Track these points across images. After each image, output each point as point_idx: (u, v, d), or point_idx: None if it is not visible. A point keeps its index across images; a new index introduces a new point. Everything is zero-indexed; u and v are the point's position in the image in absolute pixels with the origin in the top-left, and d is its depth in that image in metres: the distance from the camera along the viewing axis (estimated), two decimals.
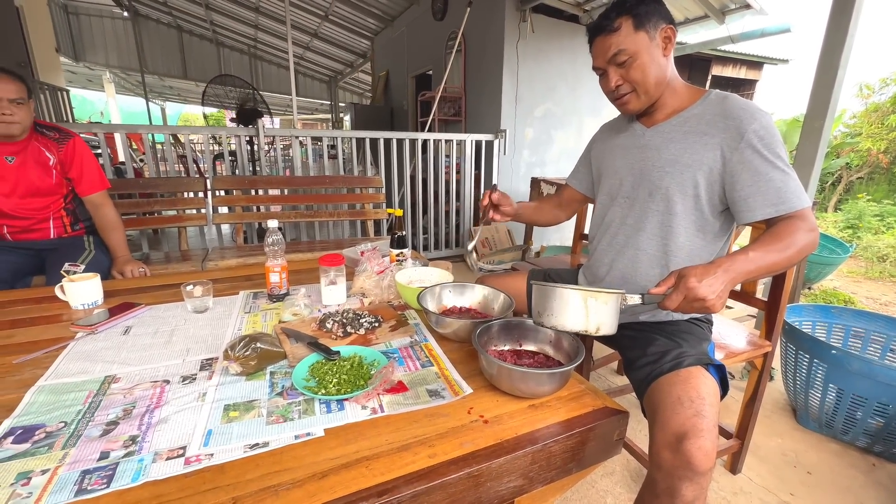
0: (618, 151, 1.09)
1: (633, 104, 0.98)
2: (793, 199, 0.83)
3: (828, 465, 1.35)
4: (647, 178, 1.01)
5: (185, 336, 1.01)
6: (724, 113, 0.90)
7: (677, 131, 0.97)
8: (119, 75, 10.10)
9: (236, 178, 2.27)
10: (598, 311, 0.75)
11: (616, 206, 1.08)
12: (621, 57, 0.92)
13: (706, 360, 0.85)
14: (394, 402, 0.79)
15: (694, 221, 0.96)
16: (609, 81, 0.97)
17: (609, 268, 1.08)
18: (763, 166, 0.85)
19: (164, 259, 1.95)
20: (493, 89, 3.67)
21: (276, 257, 1.21)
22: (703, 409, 0.73)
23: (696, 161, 0.93)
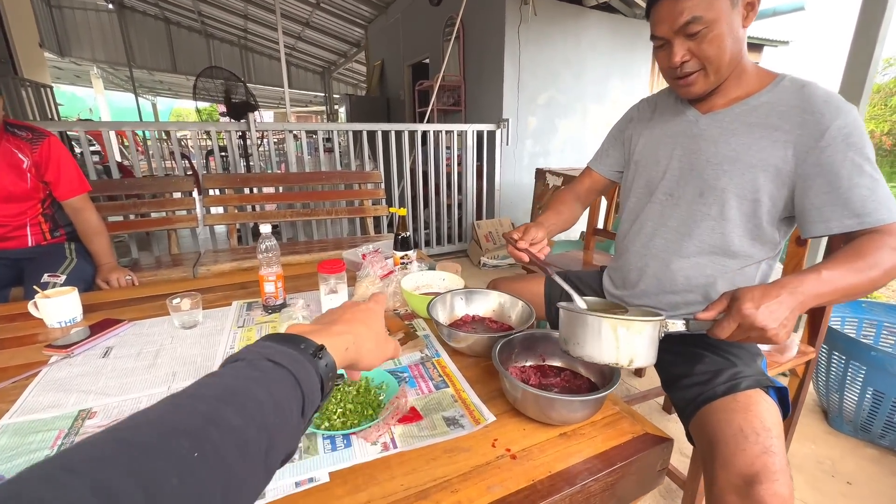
0: (662, 137, 0.93)
1: (698, 86, 0.81)
2: (881, 211, 0.69)
3: (867, 473, 1.27)
4: (698, 175, 0.86)
5: (172, 357, 0.92)
6: (802, 105, 0.75)
7: (740, 122, 0.82)
8: (107, 70, 9.86)
9: (228, 177, 2.15)
10: (632, 342, 0.64)
11: (654, 203, 0.94)
12: (695, 26, 0.74)
13: (765, 382, 0.74)
14: (407, 435, 0.70)
15: (750, 230, 0.83)
16: (672, 55, 0.79)
17: (641, 273, 0.95)
18: (847, 169, 0.71)
19: (155, 264, 1.85)
20: (493, 77, 3.53)
21: (271, 265, 1.11)
22: (772, 443, 0.63)
23: (761, 160, 0.78)
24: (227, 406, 0.30)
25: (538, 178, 3.15)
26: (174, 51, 9.48)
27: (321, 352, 0.41)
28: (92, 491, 0.21)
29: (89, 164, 2.25)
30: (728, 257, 0.85)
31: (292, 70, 11.72)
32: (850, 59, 1.48)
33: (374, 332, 0.52)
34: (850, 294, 0.66)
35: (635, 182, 0.99)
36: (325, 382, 0.40)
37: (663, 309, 0.94)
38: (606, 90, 3.93)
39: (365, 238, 2.29)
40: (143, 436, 0.26)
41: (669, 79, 0.85)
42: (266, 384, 0.34)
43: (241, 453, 0.29)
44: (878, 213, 0.69)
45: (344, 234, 3.07)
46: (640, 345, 0.64)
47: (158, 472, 0.24)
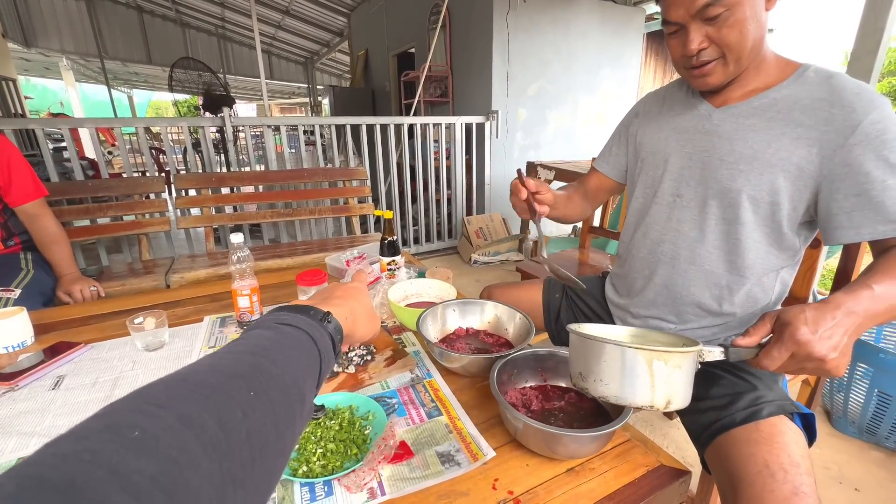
0: (671, 133, 0.85)
1: (715, 76, 0.73)
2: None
3: (875, 478, 1.24)
4: (710, 175, 0.78)
5: (132, 386, 0.82)
6: (829, 98, 0.68)
7: (759, 117, 0.74)
8: (77, 62, 9.43)
9: (202, 176, 2.03)
10: (670, 380, 0.52)
11: (662, 204, 0.86)
12: (715, 9, 0.66)
13: (790, 408, 0.67)
14: (397, 477, 0.62)
15: (767, 234, 0.76)
16: (688, 42, 0.70)
17: (647, 281, 0.88)
18: (879, 170, 0.63)
19: (125, 272, 1.72)
20: (482, 67, 3.42)
21: (245, 277, 1.01)
22: (802, 482, 0.56)
23: (781, 159, 0.71)
24: (262, 358, 0.34)
25: (529, 172, 3.07)
26: (148, 41, 9.09)
27: (328, 317, 0.45)
28: (178, 419, 0.24)
29: (50, 165, 2.09)
30: (744, 265, 0.77)
31: (273, 60, 11.38)
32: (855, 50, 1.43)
33: (365, 307, 0.55)
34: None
35: (642, 182, 0.91)
36: (335, 344, 0.44)
37: (671, 321, 0.87)
38: (597, 80, 3.85)
39: (351, 238, 2.19)
40: (206, 378, 0.30)
41: (682, 68, 0.76)
42: (288, 343, 0.38)
43: (284, 396, 0.33)
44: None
45: (329, 234, 2.96)
46: (679, 382, 0.53)
47: (225, 407, 0.27)
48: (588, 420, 0.71)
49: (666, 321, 0.87)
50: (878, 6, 1.41)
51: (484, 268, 3.18)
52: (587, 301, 1.06)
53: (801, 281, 1.05)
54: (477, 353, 0.87)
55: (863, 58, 1.43)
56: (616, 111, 4.04)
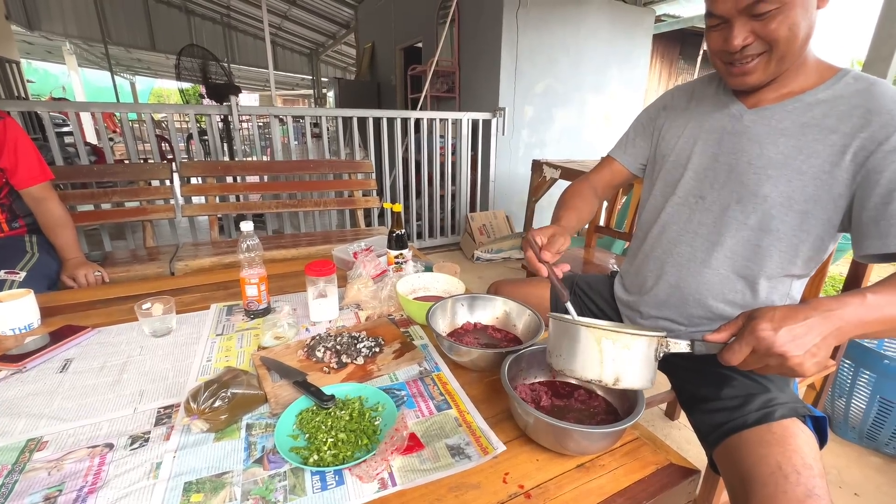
0: (699, 132, 0.81)
1: (756, 76, 0.69)
2: None
3: (874, 483, 1.24)
4: (738, 179, 0.75)
5: (140, 372, 0.82)
6: (868, 104, 0.65)
7: (792, 121, 0.71)
8: (81, 46, 9.36)
9: (208, 164, 2.02)
10: (619, 358, 0.56)
11: (683, 205, 0.83)
12: (766, 5, 0.62)
13: (803, 410, 0.66)
14: (407, 469, 0.62)
15: (793, 245, 0.73)
16: (732, 38, 0.66)
17: (659, 280, 0.87)
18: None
19: (129, 258, 1.72)
20: (490, 63, 3.41)
21: (254, 266, 1.01)
22: (815, 484, 0.56)
23: (814, 166, 0.68)
24: None
25: (534, 170, 3.06)
26: (153, 28, 9.01)
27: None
28: None
29: (55, 149, 2.08)
30: (761, 272, 0.75)
31: (278, 51, 11.31)
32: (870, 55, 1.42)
33: None
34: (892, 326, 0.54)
35: (662, 179, 0.88)
36: None
37: (682, 323, 0.86)
38: (605, 80, 3.83)
39: (355, 231, 2.19)
40: None
41: (721, 63, 0.72)
42: None
43: None
44: None
45: (333, 227, 2.96)
46: (628, 362, 0.56)
47: None
48: (598, 417, 0.71)
49: (676, 322, 0.87)
50: (894, 13, 1.40)
51: (486, 265, 3.18)
52: (595, 300, 1.05)
53: (809, 287, 1.04)
54: (486, 348, 0.87)
55: (876, 64, 1.43)
56: (623, 112, 4.02)
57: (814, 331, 0.51)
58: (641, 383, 0.58)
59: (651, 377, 0.58)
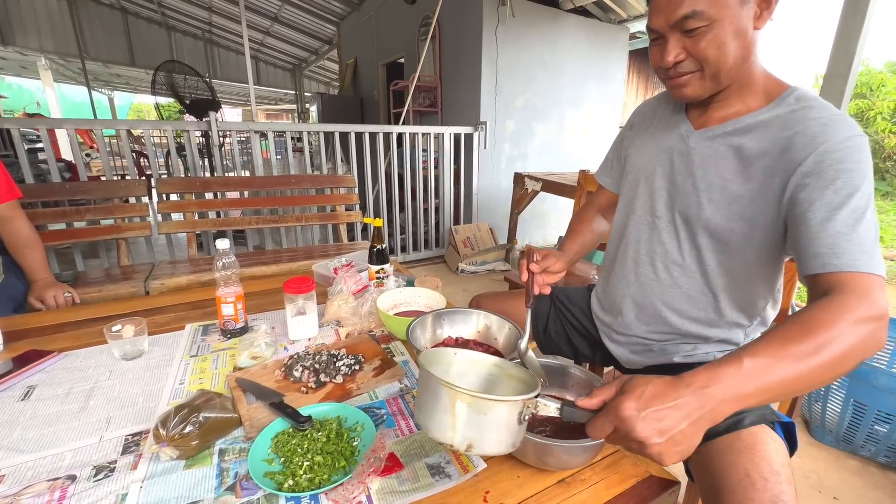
0: (655, 151, 0.82)
1: (691, 88, 0.70)
2: (853, 256, 0.55)
3: (851, 486, 1.27)
4: (684, 201, 0.76)
5: (108, 397, 0.79)
6: (796, 126, 0.65)
7: (731, 144, 0.71)
8: (57, 62, 9.19)
9: (186, 181, 1.98)
10: (472, 423, 0.47)
11: (642, 224, 0.84)
12: (694, 22, 0.63)
13: (771, 417, 0.66)
14: (386, 491, 0.61)
15: (745, 267, 0.74)
16: (665, 53, 0.68)
17: (625, 300, 0.88)
18: (826, 200, 0.59)
19: (102, 278, 1.67)
20: (471, 78, 3.47)
21: (230, 284, 0.99)
22: (782, 490, 0.56)
23: (750, 190, 0.68)
24: None
25: (516, 183, 3.11)
26: (132, 43, 8.92)
27: None
28: None
29: (25, 166, 2.02)
30: (721, 292, 0.77)
31: (261, 66, 11.30)
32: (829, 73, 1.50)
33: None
34: (792, 389, 0.49)
35: (624, 197, 0.90)
36: None
37: (654, 340, 0.87)
38: (583, 95, 3.94)
39: (338, 246, 2.17)
40: None
41: (661, 77, 0.74)
42: None
43: None
44: (846, 258, 0.56)
45: (315, 242, 2.93)
46: (484, 427, 0.47)
47: None
48: (578, 431, 0.71)
49: (648, 339, 0.87)
50: (850, 31, 1.48)
51: (471, 277, 3.18)
52: (574, 312, 1.06)
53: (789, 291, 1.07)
54: None
55: (835, 80, 1.50)
56: (601, 125, 4.13)
57: (678, 413, 0.45)
58: (498, 450, 0.50)
59: (513, 441, 0.50)
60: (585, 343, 1.03)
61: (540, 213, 3.87)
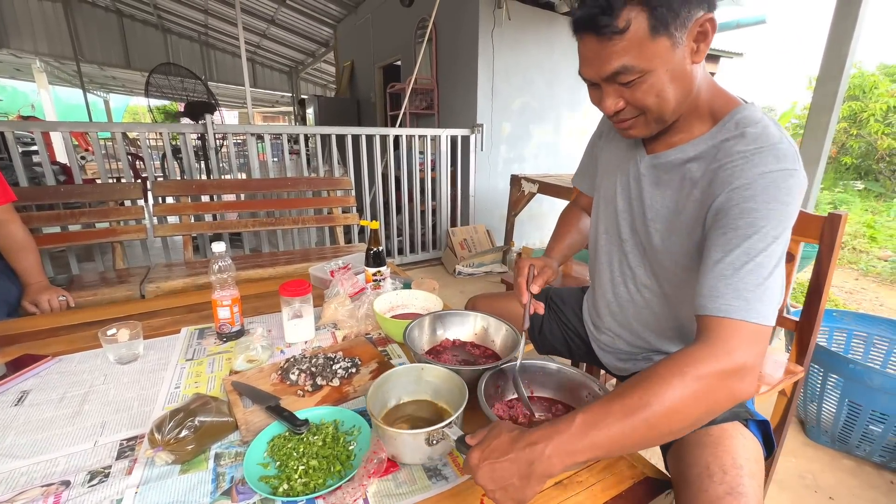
0: (617, 172, 0.81)
1: (637, 130, 0.68)
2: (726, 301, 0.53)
3: (847, 486, 1.27)
4: (639, 228, 0.76)
5: (103, 402, 0.78)
6: (724, 156, 0.62)
7: (674, 173, 0.69)
8: (52, 64, 9.16)
9: (182, 183, 1.98)
10: (390, 443, 0.63)
11: (611, 243, 0.84)
12: (626, 76, 0.60)
13: (744, 415, 0.66)
14: (383, 493, 0.61)
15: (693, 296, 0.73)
16: (603, 102, 0.65)
17: (605, 314, 0.89)
18: (720, 243, 0.57)
19: (97, 281, 1.66)
20: (467, 81, 3.48)
21: (226, 288, 0.99)
22: (740, 483, 0.55)
23: (687, 220, 0.67)
24: None
25: (513, 185, 3.11)
26: (128, 45, 8.89)
27: None
28: None
29: (19, 169, 2.01)
30: (684, 322, 0.78)
31: (257, 69, 11.29)
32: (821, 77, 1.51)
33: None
34: (624, 445, 0.50)
35: (596, 213, 0.88)
36: None
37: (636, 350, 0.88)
38: (579, 98, 3.96)
39: (335, 248, 2.17)
40: None
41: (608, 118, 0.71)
42: None
43: None
44: (721, 300, 0.54)
45: (312, 244, 2.92)
46: (397, 447, 0.62)
47: None
48: None
49: (632, 348, 0.88)
50: (842, 34, 1.50)
51: (468, 279, 3.18)
52: (566, 313, 1.06)
53: None
54: (464, 365, 0.86)
55: (827, 83, 1.52)
56: None
57: (513, 468, 0.48)
58: (413, 461, 0.65)
59: (427, 453, 0.62)
60: (581, 343, 1.03)
61: (537, 215, 3.88)
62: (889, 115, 6.03)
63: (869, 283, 3.60)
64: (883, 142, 6.05)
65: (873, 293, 3.36)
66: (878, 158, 6.24)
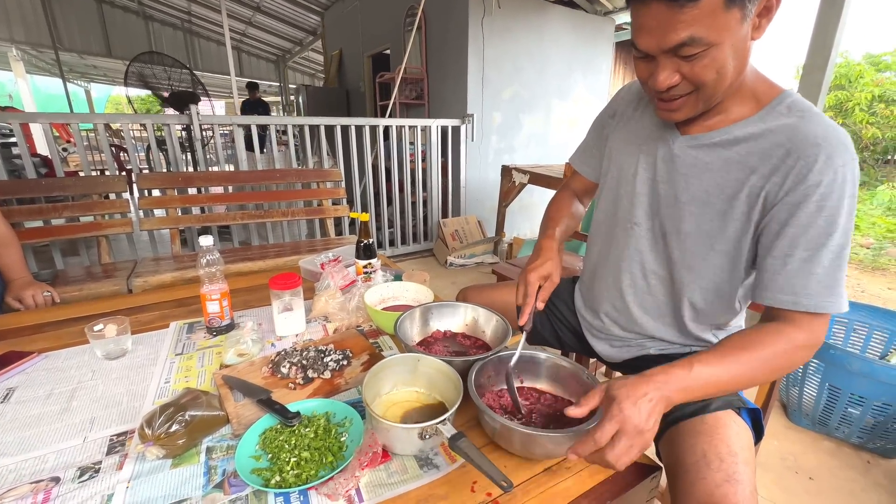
0: (638, 151, 0.77)
1: (683, 113, 0.65)
2: (821, 298, 0.59)
3: (826, 467, 1.32)
4: (665, 212, 0.74)
5: (91, 398, 0.78)
6: (788, 144, 0.61)
7: (718, 155, 0.67)
8: (29, 52, 8.87)
9: (167, 175, 1.94)
10: (383, 434, 0.64)
11: (621, 227, 0.81)
12: (691, 49, 0.56)
13: (737, 403, 0.68)
14: (375, 483, 0.61)
15: (716, 285, 0.73)
16: (657, 77, 0.61)
17: (604, 304, 0.89)
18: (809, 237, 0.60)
19: (83, 276, 1.63)
20: (457, 70, 3.45)
21: (214, 281, 0.98)
22: (736, 470, 0.57)
23: (733, 207, 0.66)
24: None
25: (504, 176, 3.11)
26: (108, 33, 8.63)
27: None
28: None
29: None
30: (689, 311, 0.77)
31: (243, 57, 11.05)
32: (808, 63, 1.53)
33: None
34: (726, 389, 0.60)
35: (605, 195, 0.86)
36: None
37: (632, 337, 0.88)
38: (569, 86, 3.94)
39: (325, 241, 2.15)
40: None
41: (648, 93, 0.68)
42: None
43: None
44: (809, 300, 0.60)
45: (302, 237, 2.90)
46: (390, 439, 0.65)
47: None
48: (564, 420, 0.72)
49: (628, 335, 0.89)
50: (828, 24, 1.51)
51: (460, 270, 3.19)
52: (557, 304, 1.07)
53: None
54: (454, 356, 0.87)
55: (813, 73, 1.53)
56: (588, 116, 4.15)
57: (654, 405, 0.54)
58: (404, 452, 0.66)
59: (418, 446, 0.64)
60: (571, 335, 1.04)
61: (528, 206, 3.89)
62: (874, 104, 6.12)
63: (851, 269, 3.69)
64: (867, 131, 6.14)
65: (855, 280, 3.44)
66: (862, 147, 6.34)
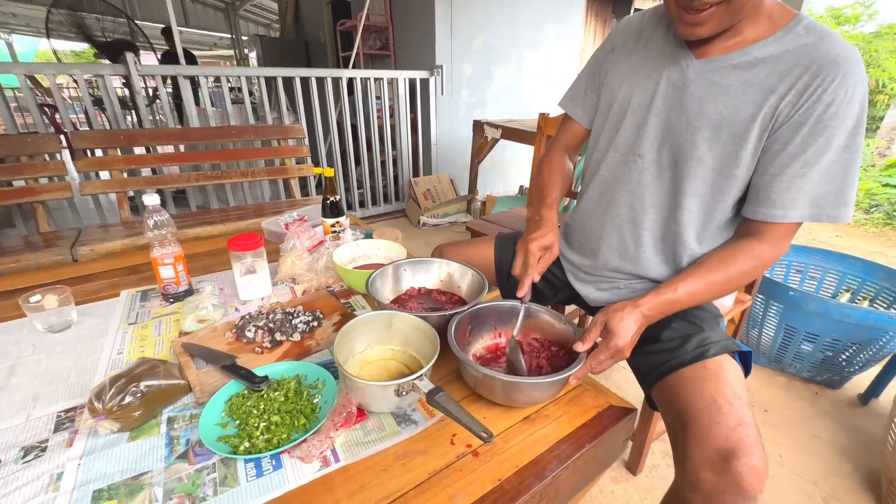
0: (642, 80, 0.74)
1: (710, 26, 0.62)
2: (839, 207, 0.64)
3: (780, 399, 1.42)
4: (674, 139, 0.71)
5: (33, 374, 0.71)
6: (807, 63, 0.61)
7: (736, 77, 0.66)
8: None
9: (107, 133, 1.75)
10: (357, 392, 0.63)
11: (622, 161, 0.78)
12: None
13: (733, 347, 0.69)
14: (351, 443, 0.59)
15: (722, 210, 0.73)
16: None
17: (600, 243, 0.84)
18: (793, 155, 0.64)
19: (20, 246, 1.48)
20: (424, 17, 3.22)
21: (166, 245, 0.90)
22: (744, 412, 0.59)
23: (749, 130, 0.65)
24: None
25: (476, 131, 3.02)
26: None
27: None
28: None
29: None
30: (692, 239, 0.76)
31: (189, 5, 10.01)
32: None
33: None
34: (696, 303, 0.71)
35: (606, 131, 0.82)
36: None
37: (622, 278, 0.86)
38: (541, 37, 3.78)
39: (290, 202, 2.04)
40: None
41: (674, 6, 0.64)
42: None
43: None
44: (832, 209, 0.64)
45: (266, 199, 2.75)
46: (366, 397, 0.63)
47: None
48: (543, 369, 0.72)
49: (616, 287, 0.87)
50: None
51: (433, 230, 3.14)
52: None
53: None
54: (431, 312, 0.84)
55: None
56: (560, 68, 4.03)
57: (639, 328, 0.67)
58: (381, 410, 0.65)
59: (395, 403, 0.63)
60: (547, 286, 1.02)
61: (500, 162, 3.83)
62: None
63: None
64: None
65: (806, 228, 3.62)
66: None
